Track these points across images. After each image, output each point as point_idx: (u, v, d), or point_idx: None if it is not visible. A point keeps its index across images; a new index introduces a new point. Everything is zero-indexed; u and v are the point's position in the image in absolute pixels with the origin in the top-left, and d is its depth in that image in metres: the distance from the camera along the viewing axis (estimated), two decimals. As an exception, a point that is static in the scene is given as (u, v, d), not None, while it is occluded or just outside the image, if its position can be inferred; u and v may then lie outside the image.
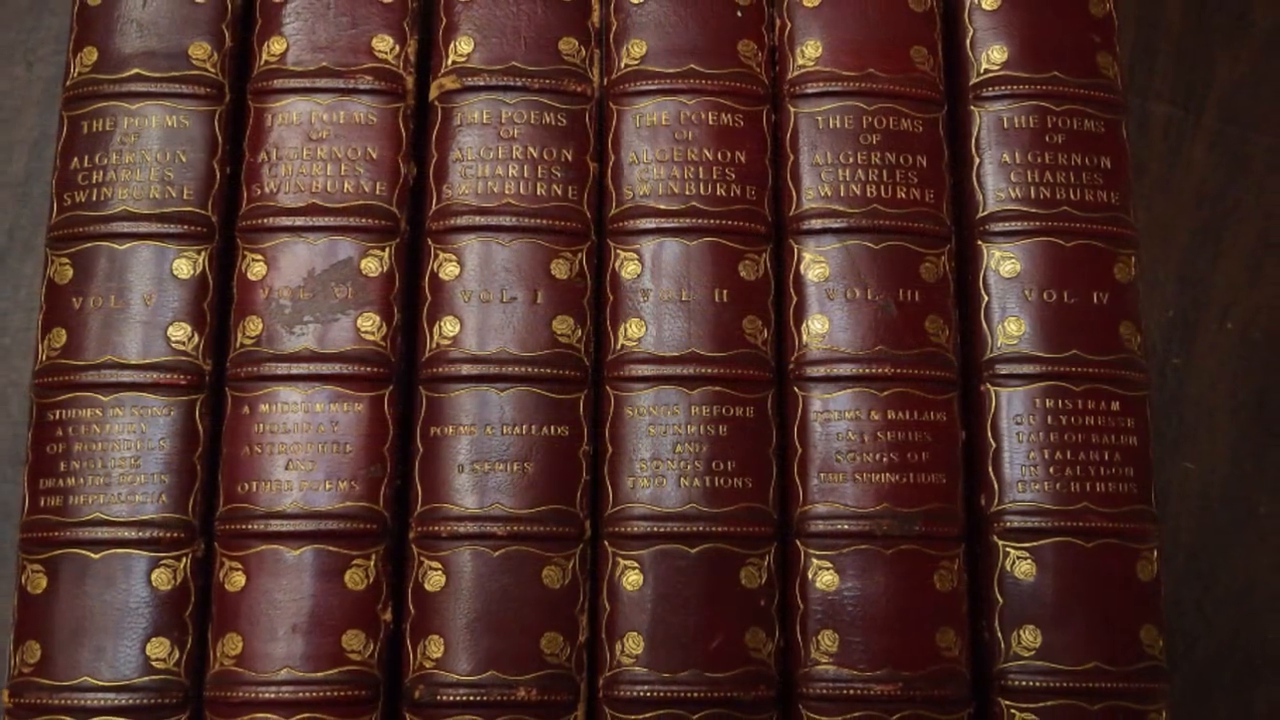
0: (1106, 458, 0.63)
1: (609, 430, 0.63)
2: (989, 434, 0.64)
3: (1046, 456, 0.63)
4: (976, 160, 0.66)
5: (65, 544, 0.61)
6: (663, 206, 0.64)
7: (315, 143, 0.64)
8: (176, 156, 0.64)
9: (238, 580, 0.61)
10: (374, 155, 0.64)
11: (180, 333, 0.63)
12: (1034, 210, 0.65)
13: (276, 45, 0.66)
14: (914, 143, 0.66)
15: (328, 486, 0.61)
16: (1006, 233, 0.65)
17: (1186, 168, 0.79)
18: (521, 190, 0.64)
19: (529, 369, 0.63)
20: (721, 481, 0.62)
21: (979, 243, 0.66)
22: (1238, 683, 0.72)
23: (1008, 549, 0.63)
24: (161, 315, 0.63)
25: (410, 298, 0.65)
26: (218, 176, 0.65)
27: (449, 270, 0.64)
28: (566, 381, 0.63)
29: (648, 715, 0.60)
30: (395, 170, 0.65)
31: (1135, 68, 0.79)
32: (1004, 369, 0.64)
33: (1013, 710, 0.62)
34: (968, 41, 0.68)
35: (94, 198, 0.64)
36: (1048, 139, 0.66)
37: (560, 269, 0.64)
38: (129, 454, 0.61)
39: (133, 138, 0.64)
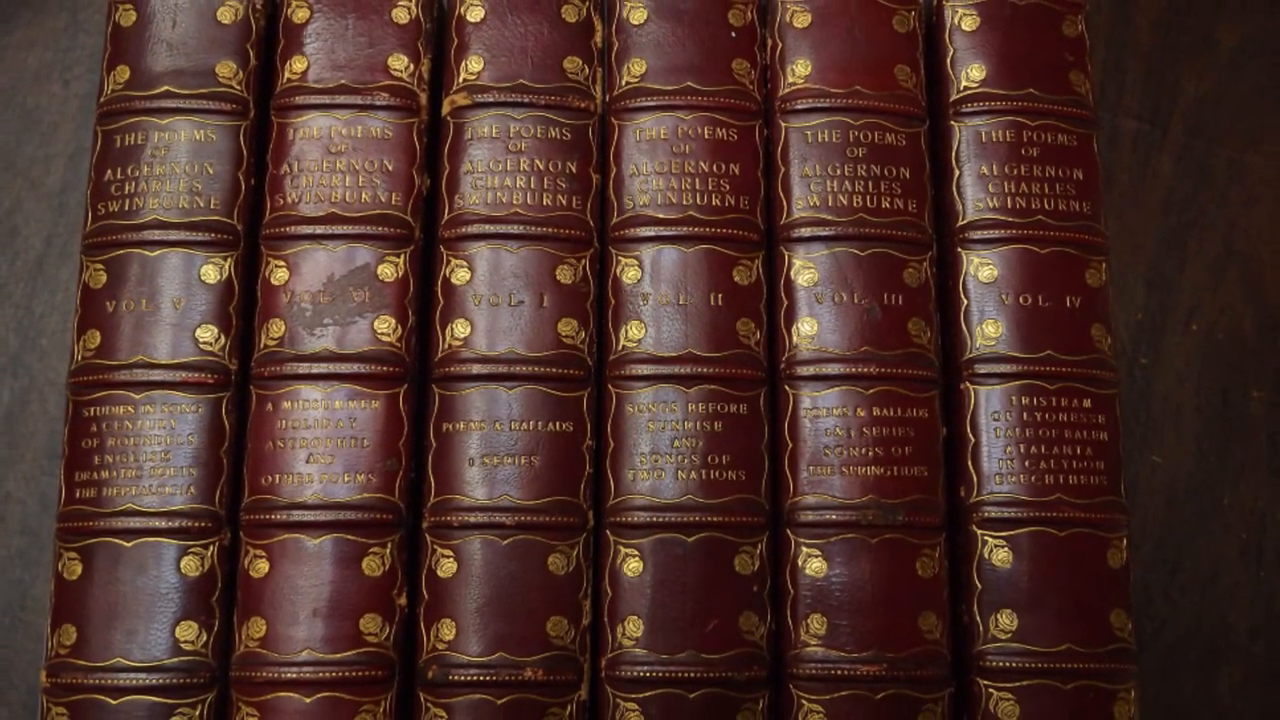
0: (1078, 452, 0.64)
1: (610, 426, 0.64)
2: (968, 429, 0.65)
3: (1022, 450, 0.64)
4: (956, 172, 0.67)
5: (99, 533, 0.62)
6: (661, 216, 0.65)
7: (334, 155, 0.65)
8: (204, 168, 0.65)
9: (261, 567, 0.62)
10: (390, 167, 0.65)
11: (207, 334, 0.64)
12: (1010, 219, 0.66)
13: (298, 64, 0.67)
14: (898, 156, 0.67)
15: (346, 479, 0.62)
16: (985, 240, 0.66)
17: (1154, 179, 0.78)
18: (529, 200, 0.65)
19: (535, 368, 0.63)
20: (717, 474, 0.63)
21: (959, 250, 0.67)
22: (1202, 664, 0.73)
23: (986, 537, 0.64)
24: (190, 318, 0.64)
25: (424, 301, 0.66)
26: (243, 187, 0.65)
27: (460, 275, 0.65)
28: (571, 380, 0.64)
29: (647, 694, 0.61)
30: (410, 181, 0.65)
31: (1106, 85, 0.79)
32: (982, 368, 0.65)
33: (990, 690, 0.62)
34: (948, 60, 0.69)
35: (126, 207, 0.64)
36: (1023, 152, 0.67)
37: (565, 274, 0.65)
38: (159, 448, 0.62)
39: (163, 151, 0.65)
